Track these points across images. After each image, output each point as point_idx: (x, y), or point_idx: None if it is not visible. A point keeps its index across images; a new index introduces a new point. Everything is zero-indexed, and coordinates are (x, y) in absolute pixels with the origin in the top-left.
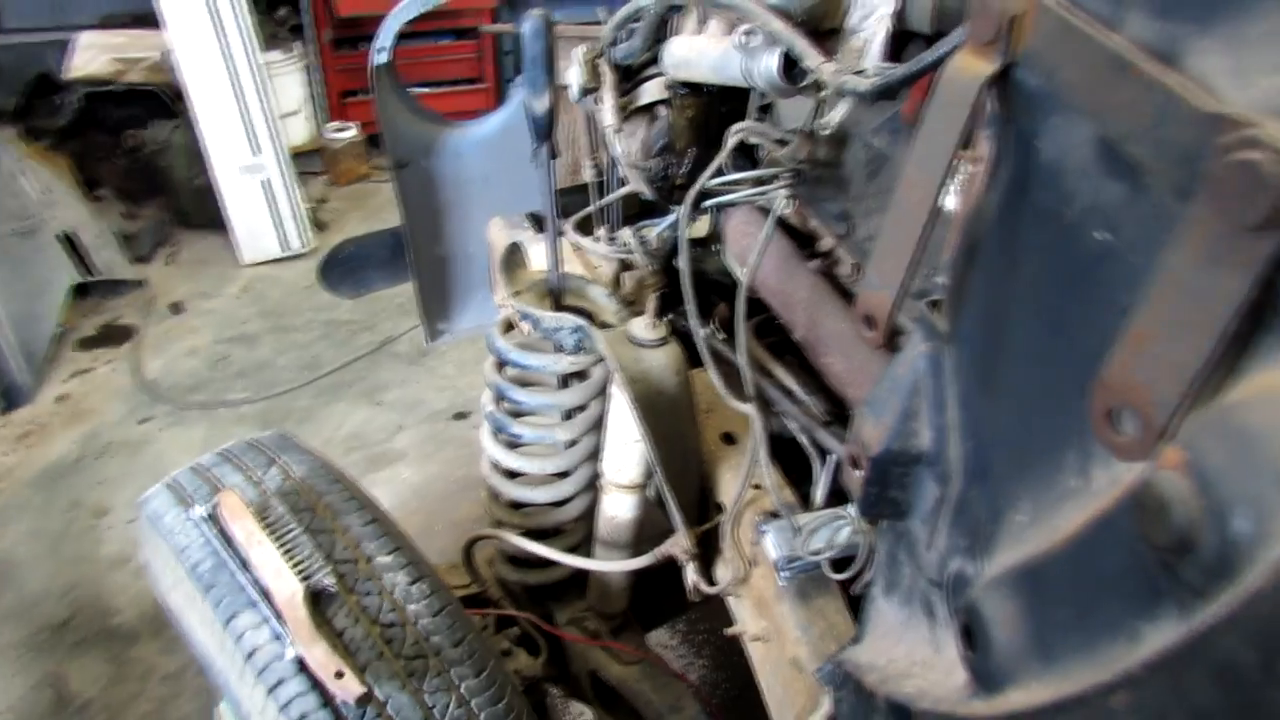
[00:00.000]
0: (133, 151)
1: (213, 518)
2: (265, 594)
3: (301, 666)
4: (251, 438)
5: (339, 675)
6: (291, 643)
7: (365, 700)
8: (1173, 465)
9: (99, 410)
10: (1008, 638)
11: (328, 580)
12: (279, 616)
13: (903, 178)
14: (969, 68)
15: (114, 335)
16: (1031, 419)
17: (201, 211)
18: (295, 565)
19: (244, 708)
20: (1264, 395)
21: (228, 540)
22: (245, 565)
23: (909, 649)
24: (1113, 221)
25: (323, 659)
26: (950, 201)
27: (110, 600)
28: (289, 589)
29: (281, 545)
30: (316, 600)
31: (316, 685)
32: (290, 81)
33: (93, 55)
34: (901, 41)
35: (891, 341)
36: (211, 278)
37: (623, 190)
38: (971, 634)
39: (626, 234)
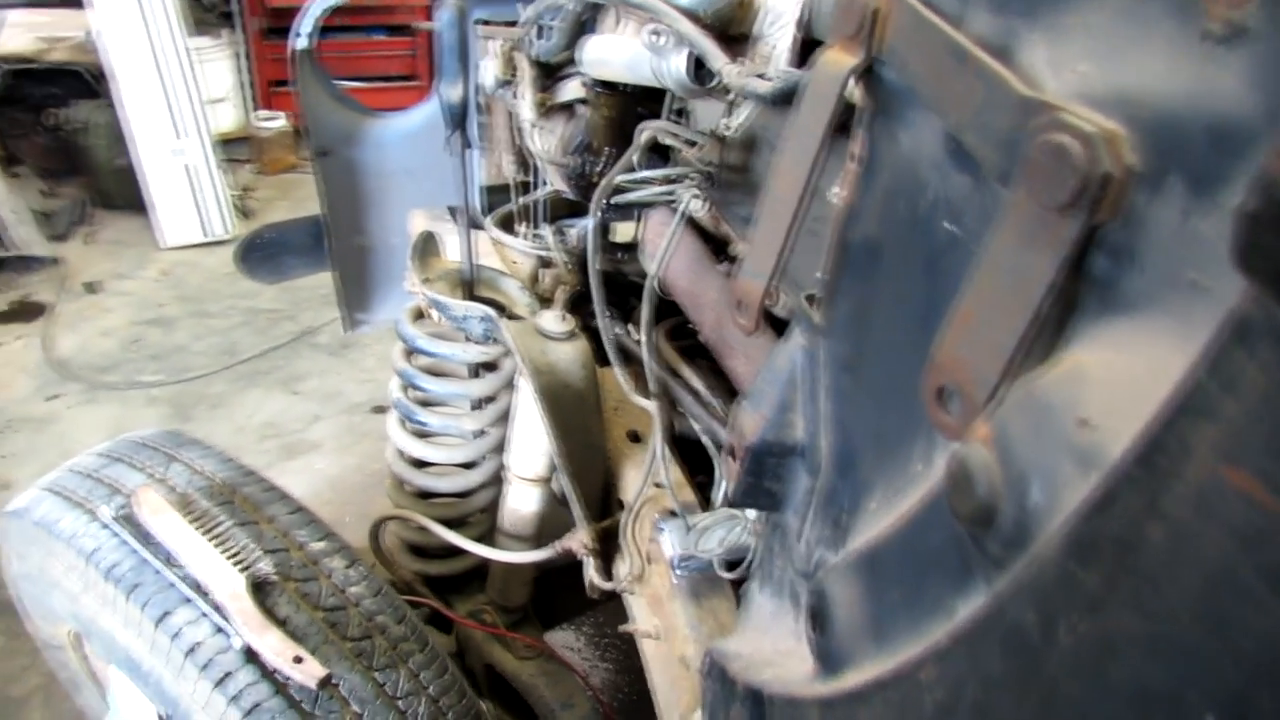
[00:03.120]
0: (53, 130)
1: (126, 518)
2: (199, 588)
3: (250, 656)
4: (134, 436)
5: (298, 660)
6: (237, 633)
7: (326, 683)
8: (980, 439)
9: (6, 384)
10: (848, 620)
11: (266, 569)
12: (220, 609)
13: (774, 167)
14: (836, 61)
15: (26, 311)
16: (889, 408)
17: (122, 193)
18: (231, 557)
19: (183, 706)
20: (1063, 372)
21: (146, 539)
22: (171, 562)
23: (774, 639)
24: (957, 212)
25: (278, 646)
26: (834, 198)
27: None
28: (230, 581)
29: (212, 538)
30: (258, 590)
31: (267, 674)
32: (219, 68)
33: (16, 34)
34: (808, 49)
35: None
36: (130, 259)
37: (548, 189)
38: (818, 617)
39: (546, 231)
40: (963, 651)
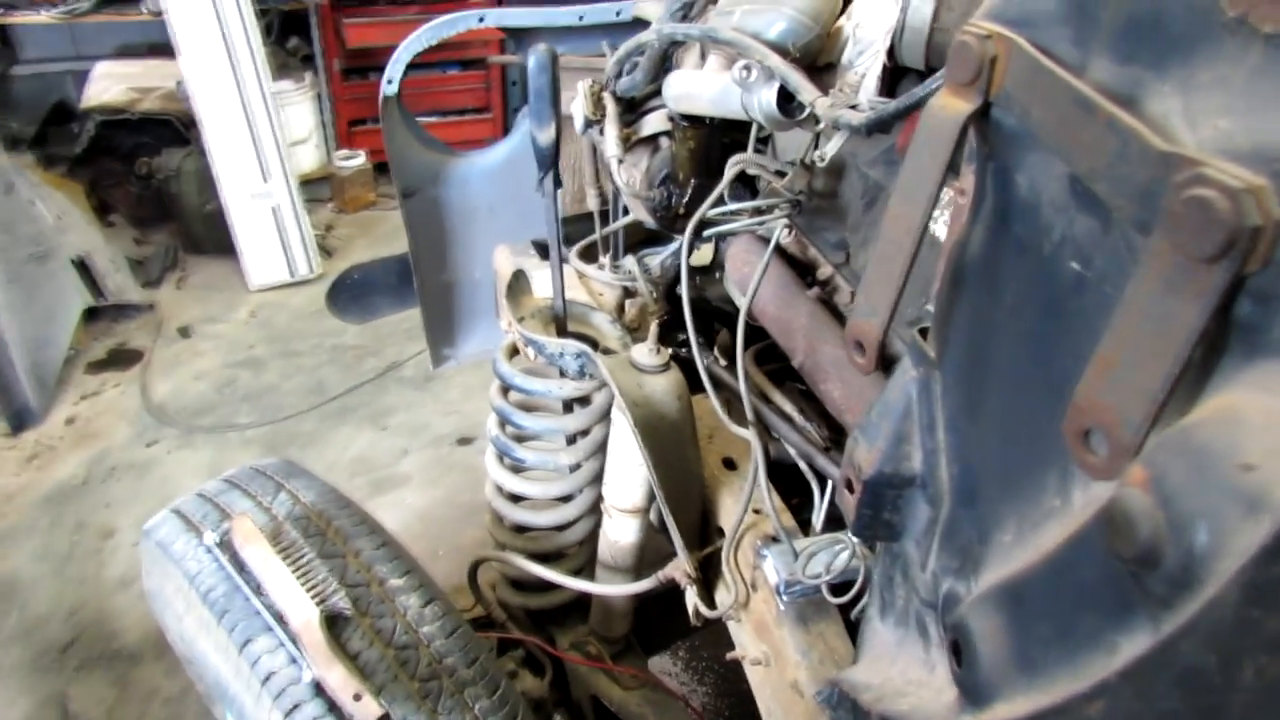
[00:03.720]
0: (145, 178)
1: (225, 544)
2: (280, 618)
3: (319, 689)
4: (256, 464)
5: (357, 698)
6: (309, 666)
7: None
8: (1137, 483)
9: (106, 432)
10: (993, 653)
11: (342, 604)
12: (295, 640)
13: (889, 210)
14: (950, 106)
15: (123, 358)
16: (1015, 442)
17: (211, 237)
18: (310, 589)
19: None
20: (1219, 415)
21: (240, 566)
22: (259, 590)
23: (904, 669)
24: (1085, 253)
25: (340, 681)
26: (940, 231)
27: (114, 622)
28: (305, 613)
29: (296, 569)
30: (332, 623)
31: (334, 708)
32: (300, 110)
33: (108, 84)
34: (895, 76)
35: (886, 367)
36: (220, 302)
37: (626, 219)
38: (960, 650)
39: (630, 262)
40: (1135, 689)
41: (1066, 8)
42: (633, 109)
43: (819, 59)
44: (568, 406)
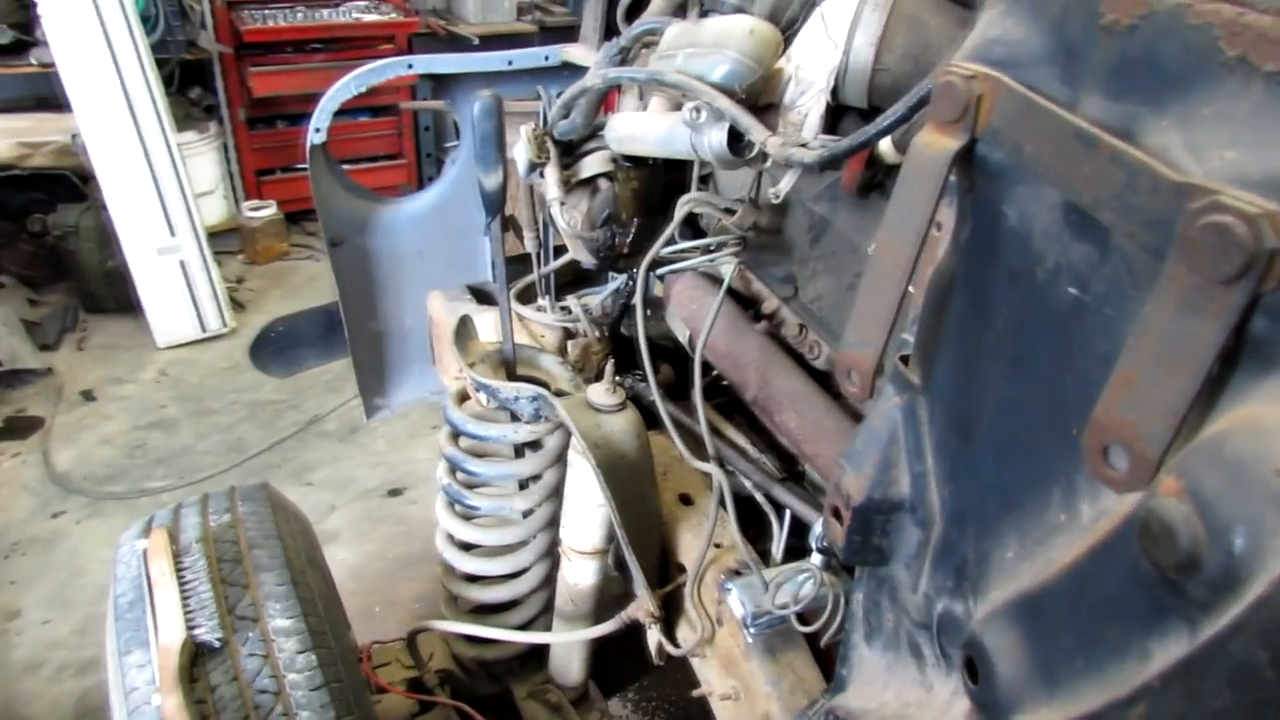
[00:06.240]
0: (39, 235)
1: (147, 553)
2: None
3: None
4: (240, 485)
5: None
6: (158, 689)
7: None
8: (1172, 493)
9: (7, 506)
10: (1012, 668)
11: (213, 635)
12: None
13: (876, 245)
14: (936, 144)
15: (21, 426)
16: (1012, 461)
17: (113, 295)
18: (189, 614)
19: None
20: (1245, 426)
21: (149, 578)
22: (153, 605)
23: (899, 691)
24: (1082, 278)
25: (174, 711)
26: None
27: (22, 709)
28: (172, 635)
29: (184, 591)
30: (199, 652)
31: None
32: (205, 161)
33: None
34: (836, 115)
35: (840, 398)
36: (125, 362)
37: (563, 259)
38: (974, 667)
39: (572, 302)
40: (1181, 690)
41: (1054, 49)
42: (570, 152)
43: (760, 99)
44: (519, 451)
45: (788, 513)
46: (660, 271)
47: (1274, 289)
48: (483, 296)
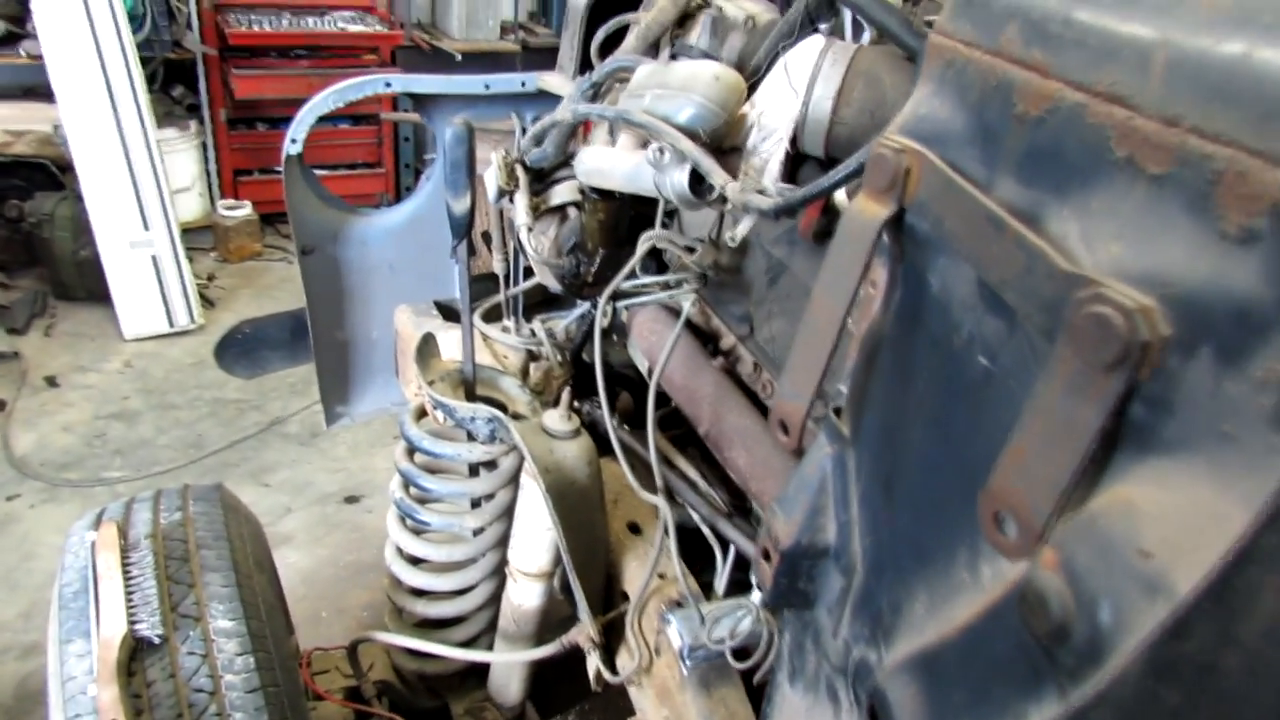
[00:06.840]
0: (14, 221)
1: (96, 545)
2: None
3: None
4: (193, 485)
5: None
6: (95, 681)
7: None
8: (1049, 565)
9: None
10: (910, 719)
11: (154, 631)
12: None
13: (811, 301)
14: (868, 210)
15: None
16: (926, 518)
17: (84, 284)
18: (132, 608)
19: None
20: (1117, 506)
21: (95, 570)
22: (99, 596)
23: None
24: (991, 350)
25: (109, 704)
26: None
27: None
28: (113, 628)
29: (129, 586)
30: (137, 647)
31: None
32: (184, 158)
33: None
34: (796, 163)
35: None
36: (91, 351)
37: (531, 281)
38: (876, 716)
39: (536, 326)
40: None
41: (974, 130)
42: (541, 179)
43: (724, 143)
44: (474, 470)
45: (732, 548)
46: (621, 304)
47: (1149, 379)
48: (450, 313)
